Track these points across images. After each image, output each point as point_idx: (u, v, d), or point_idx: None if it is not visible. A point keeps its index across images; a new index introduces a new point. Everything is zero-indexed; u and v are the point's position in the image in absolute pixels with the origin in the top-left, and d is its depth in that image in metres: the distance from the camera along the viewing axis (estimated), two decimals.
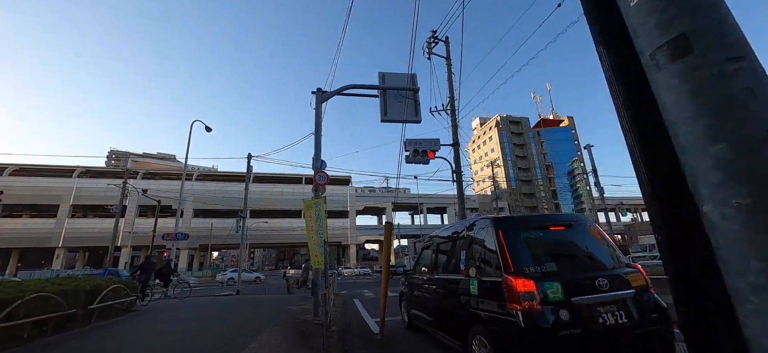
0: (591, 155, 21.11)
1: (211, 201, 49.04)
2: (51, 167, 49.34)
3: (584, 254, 2.90)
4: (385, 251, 4.50)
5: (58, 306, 4.83)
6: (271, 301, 9.71)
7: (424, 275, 4.42)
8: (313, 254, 5.63)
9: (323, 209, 5.94)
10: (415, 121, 8.38)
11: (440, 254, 4.02)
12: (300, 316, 6.42)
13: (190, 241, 47.49)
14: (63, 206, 45.91)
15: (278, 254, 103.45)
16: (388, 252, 4.47)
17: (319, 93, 7.83)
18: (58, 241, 44.51)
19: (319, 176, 6.72)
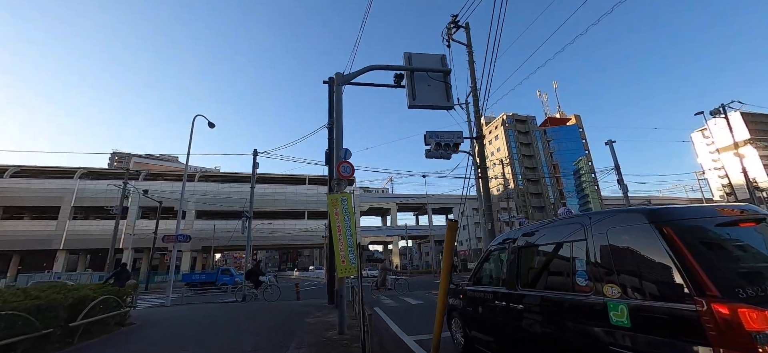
0: (613, 151, 20.01)
1: (214, 203, 48.16)
2: (52, 168, 48.65)
3: None
4: (446, 256, 3.49)
5: (27, 327, 3.87)
6: (282, 311, 8.71)
7: (496, 288, 3.39)
8: (340, 258, 4.61)
9: (351, 205, 4.94)
10: (446, 106, 7.37)
11: (529, 262, 3.00)
12: (323, 333, 5.40)
13: (193, 243, 46.64)
14: (64, 207, 45.19)
15: (281, 256, 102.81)
16: (450, 258, 3.45)
17: (338, 76, 6.82)
18: (60, 243, 43.76)
19: (343, 166, 5.72)
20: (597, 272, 2.20)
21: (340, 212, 4.84)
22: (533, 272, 2.91)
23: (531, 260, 2.97)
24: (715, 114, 22.02)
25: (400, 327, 5.99)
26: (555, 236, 2.69)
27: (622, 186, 19.35)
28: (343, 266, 4.56)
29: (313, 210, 54.15)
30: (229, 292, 12.34)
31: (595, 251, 2.24)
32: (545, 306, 2.61)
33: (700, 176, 79.12)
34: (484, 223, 10.66)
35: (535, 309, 2.70)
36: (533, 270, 2.93)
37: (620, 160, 19.50)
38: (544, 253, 2.82)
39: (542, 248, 2.84)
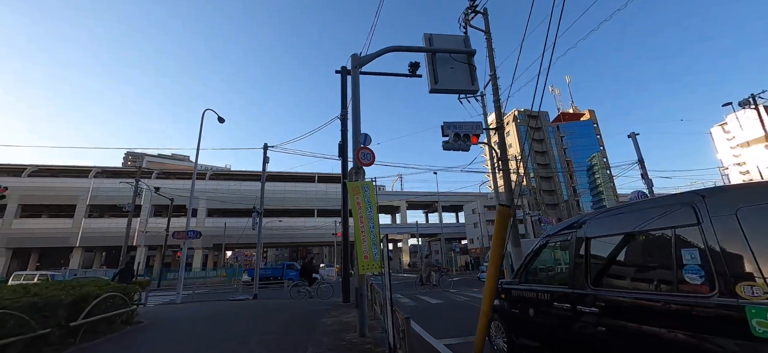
0: (636, 144, 19.06)
1: (225, 201, 48.42)
2: (68, 167, 49.63)
3: None
4: (496, 247, 2.96)
5: (20, 327, 3.52)
6: (296, 309, 8.30)
7: (555, 288, 2.85)
8: (362, 253, 4.13)
9: (374, 194, 4.44)
10: (471, 90, 6.82)
11: (604, 256, 2.45)
12: (341, 335, 4.94)
13: (204, 241, 46.97)
14: (80, 206, 46.01)
15: (291, 254, 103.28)
16: (500, 249, 2.92)
17: (354, 58, 6.32)
18: (76, 241, 44.55)
19: (363, 153, 5.23)
20: (723, 266, 1.65)
21: (362, 202, 4.36)
22: (612, 268, 2.37)
23: (607, 254, 2.42)
24: (745, 105, 20.84)
25: (425, 329, 5.49)
26: (644, 221, 2.13)
27: (647, 181, 18.42)
28: (366, 262, 4.08)
29: (323, 208, 54.01)
30: (240, 289, 12.00)
31: (717, 237, 1.70)
32: (634, 310, 2.08)
33: (723, 170, 76.28)
34: None
35: (618, 315, 2.17)
36: (611, 265, 2.38)
37: (649, 155, 18.56)
38: (629, 244, 2.27)
39: (625, 238, 2.28)
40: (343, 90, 10.38)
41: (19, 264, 49.46)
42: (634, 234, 2.21)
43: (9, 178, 45.24)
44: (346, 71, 10.63)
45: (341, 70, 10.66)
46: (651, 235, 2.09)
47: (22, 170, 47.11)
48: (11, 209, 43.65)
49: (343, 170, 9.46)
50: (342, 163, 9.58)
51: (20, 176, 46.32)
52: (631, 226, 2.22)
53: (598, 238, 2.47)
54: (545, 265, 3.15)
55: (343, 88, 10.40)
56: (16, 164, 48.78)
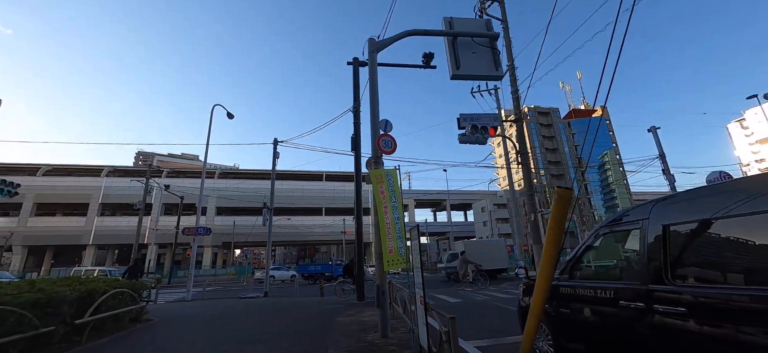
0: (657, 138, 18.30)
1: (234, 199, 48.66)
2: (81, 166, 50.45)
3: None
4: (555, 233, 2.56)
5: (20, 325, 3.27)
6: (309, 308, 8.00)
7: (620, 284, 2.46)
8: (386, 248, 3.78)
9: (397, 183, 4.08)
10: (495, 76, 6.38)
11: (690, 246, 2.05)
12: (361, 336, 4.60)
13: (213, 239, 47.26)
14: (92, 204, 46.69)
15: (299, 253, 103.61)
16: (559, 237, 2.53)
17: (371, 43, 5.96)
18: (89, 239, 45.21)
19: (384, 140, 4.87)
20: None
21: (385, 191, 4.00)
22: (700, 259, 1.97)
23: (693, 243, 2.02)
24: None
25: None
26: (743, 203, 1.72)
27: (669, 176, 17.69)
28: (391, 257, 3.72)
29: (331, 207, 53.93)
30: (252, 287, 11.78)
31: None
32: (734, 309, 1.68)
33: (743, 167, 73.98)
34: (528, 213, 9.62)
35: (709, 314, 1.78)
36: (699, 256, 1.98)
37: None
38: (723, 230, 1.85)
39: (717, 224, 1.87)
40: (355, 82, 10.04)
41: (34, 262, 50.53)
42: (733, 219, 1.80)
43: (25, 177, 46.13)
44: (357, 63, 10.29)
45: (353, 62, 10.32)
46: (754, 219, 1.69)
47: (37, 169, 48.02)
48: (27, 208, 44.52)
49: (356, 165, 9.12)
50: (355, 157, 9.24)
51: (35, 175, 47.20)
52: (729, 209, 1.81)
53: (679, 225, 2.06)
54: (603, 259, 2.76)
55: (355, 79, 10.06)
56: (31, 163, 49.77)
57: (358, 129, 9.51)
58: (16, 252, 43.87)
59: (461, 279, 13.41)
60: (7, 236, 39.55)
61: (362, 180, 9.54)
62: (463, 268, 13.55)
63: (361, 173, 9.03)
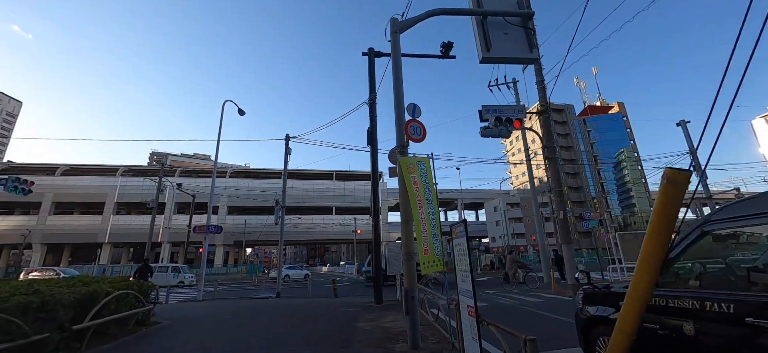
0: (687, 132, 17.25)
1: (245, 198, 48.87)
2: (97, 166, 51.42)
3: None
4: (658, 228, 1.99)
5: (7, 332, 2.88)
6: (325, 310, 7.53)
7: (747, 296, 1.88)
8: (422, 248, 3.26)
9: (431, 173, 3.56)
10: (529, 59, 5.79)
11: None
12: (389, 346, 4.09)
13: (225, 237, 47.53)
14: (108, 203, 47.47)
15: (309, 252, 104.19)
16: (667, 231, 1.96)
17: (394, 23, 5.44)
18: (105, 237, 45.99)
19: (413, 127, 4.35)
20: None
21: (418, 182, 3.48)
22: None
23: None
24: None
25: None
26: None
27: (700, 174, 16.64)
28: (428, 258, 3.20)
29: (341, 206, 53.71)
30: (264, 286, 11.41)
31: None
32: None
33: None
34: (556, 210, 8.96)
35: None
36: None
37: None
38: None
39: None
40: (370, 73, 9.56)
41: (53, 259, 51.75)
42: None
43: (44, 176, 47.25)
44: (373, 53, 9.79)
45: (368, 53, 9.83)
46: None
47: (55, 169, 49.10)
48: (46, 207, 45.54)
49: (372, 159, 8.62)
50: (371, 151, 8.74)
51: (54, 174, 48.25)
52: None
53: None
54: (718, 261, 2.18)
55: (371, 70, 9.58)
56: (50, 163, 50.94)
57: (374, 122, 9.02)
58: (35, 250, 44.93)
59: (510, 280, 12.71)
60: (25, 234, 40.46)
61: (379, 177, 9.04)
62: (512, 268, 12.93)
63: (377, 168, 8.54)
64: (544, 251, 13.90)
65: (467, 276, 2.43)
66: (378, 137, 9.10)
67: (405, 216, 4.15)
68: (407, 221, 4.16)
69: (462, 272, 2.50)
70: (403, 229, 4.11)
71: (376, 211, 8.21)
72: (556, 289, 10.25)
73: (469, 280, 2.39)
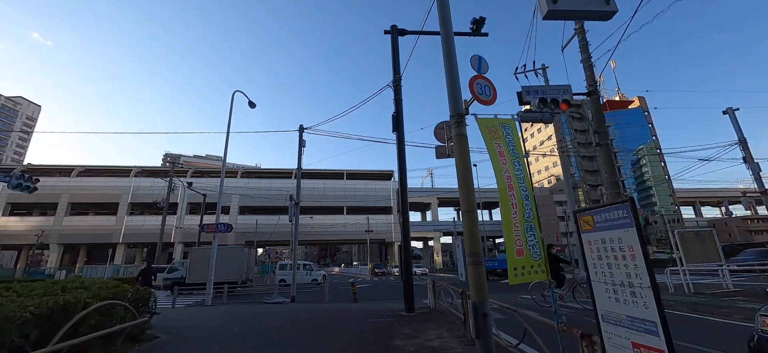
0: (735, 121, 15.65)
1: (256, 197, 48.50)
2: (112, 167, 51.87)
3: None
4: None
5: None
6: (349, 321, 6.53)
7: None
8: (513, 247, 2.23)
9: (519, 138, 2.53)
10: (606, 12, 4.64)
11: None
12: None
13: (236, 237, 47.24)
14: (122, 204, 47.74)
15: (320, 252, 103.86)
16: None
17: None
18: (119, 237, 46.22)
19: (480, 84, 3.27)
20: None
21: (506, 153, 2.47)
22: None
23: None
24: None
25: None
26: None
27: (752, 166, 15.07)
28: (520, 261, 2.19)
29: (352, 206, 52.92)
30: (275, 292, 10.50)
31: None
32: None
33: None
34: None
35: None
36: None
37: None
38: None
39: None
40: (393, 53, 8.55)
41: (70, 259, 52.44)
42: None
43: (60, 178, 47.87)
44: (396, 31, 8.78)
45: (391, 31, 8.82)
46: None
47: (71, 170, 49.69)
48: (62, 207, 46.06)
49: (399, 147, 7.58)
50: (397, 138, 7.71)
51: (70, 175, 48.82)
52: None
53: None
54: None
55: (394, 50, 8.57)
56: (66, 165, 51.59)
57: (400, 106, 7.99)
58: (52, 250, 45.47)
59: (571, 289, 11.67)
60: (38, 234, 40.81)
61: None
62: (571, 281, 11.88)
63: (404, 156, 7.51)
64: None
65: (641, 292, 1.37)
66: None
67: (466, 205, 3.11)
68: (469, 212, 3.11)
69: (643, 288, 1.44)
70: (466, 222, 3.07)
71: (405, 206, 7.17)
72: None
73: (650, 301, 1.33)
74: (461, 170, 3.14)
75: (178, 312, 8.67)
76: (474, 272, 2.97)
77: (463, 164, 3.14)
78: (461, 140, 3.29)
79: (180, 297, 11.38)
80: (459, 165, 3.17)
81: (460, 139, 3.30)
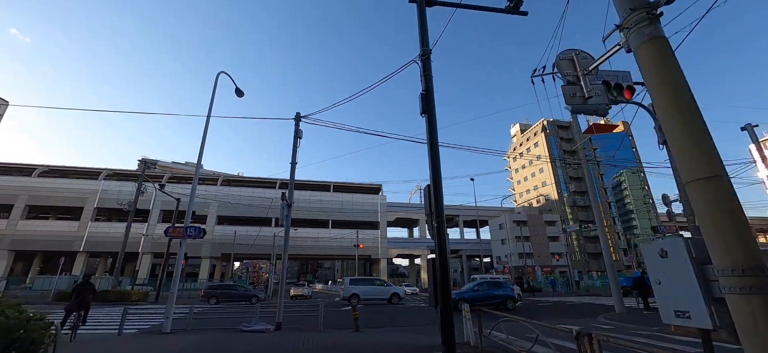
0: (755, 138, 14.85)
1: (237, 207, 45.45)
2: (79, 168, 47.75)
3: None
4: None
5: None
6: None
7: None
8: None
9: None
10: None
11: None
12: None
13: (212, 250, 43.83)
14: (87, 208, 43.70)
15: (300, 267, 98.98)
16: None
17: None
18: (80, 245, 41.98)
19: None
20: None
21: None
22: None
23: None
24: None
25: None
26: None
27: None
28: None
29: (338, 219, 50.60)
30: (255, 317, 8.25)
31: None
32: None
33: None
34: (687, 211, 6.17)
35: None
36: None
37: None
38: None
39: None
40: (421, 24, 7.02)
41: (22, 268, 47.24)
42: None
43: (19, 177, 43.54)
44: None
45: None
46: None
47: (32, 169, 45.45)
48: (18, 210, 41.62)
49: (429, 132, 5.92)
50: (427, 122, 6.05)
51: (30, 175, 44.54)
52: None
53: None
54: None
55: (421, 19, 7.02)
56: (26, 163, 47.23)
57: (430, 82, 6.38)
58: (1, 257, 40.58)
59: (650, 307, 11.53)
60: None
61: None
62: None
63: (436, 139, 5.86)
64: (613, 273, 11.19)
65: None
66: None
67: (701, 169, 1.38)
68: (708, 179, 1.39)
69: None
70: (700, 193, 1.36)
71: (439, 206, 5.41)
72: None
73: None
74: (674, 98, 1.45)
75: (120, 345, 6.43)
76: None
77: (675, 90, 1.45)
78: (659, 47, 1.60)
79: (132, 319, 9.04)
80: (669, 92, 1.49)
81: (655, 45, 1.60)
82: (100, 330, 8.60)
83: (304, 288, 28.99)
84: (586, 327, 8.17)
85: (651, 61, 1.80)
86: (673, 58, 1.73)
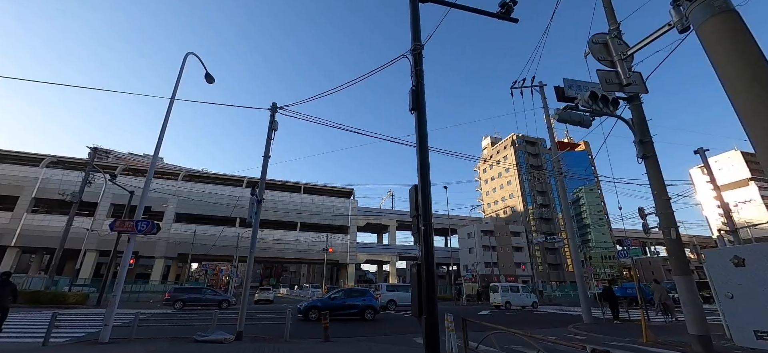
0: (706, 162, 16.03)
1: (199, 204, 42.70)
2: (17, 153, 42.69)
3: None
4: None
5: None
6: None
7: None
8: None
9: None
10: None
11: None
12: None
13: (167, 249, 40.73)
14: (23, 198, 39.07)
15: (264, 271, 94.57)
16: None
17: None
18: (11, 239, 37.35)
19: None
20: None
21: None
22: None
23: None
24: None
25: None
26: None
27: (723, 205, 15.38)
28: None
29: (307, 222, 49.17)
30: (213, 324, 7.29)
31: None
32: None
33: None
34: (663, 226, 6.26)
35: None
36: None
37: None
38: None
39: None
40: (413, 17, 6.72)
41: None
42: None
43: None
44: None
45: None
46: None
47: None
48: None
49: (418, 129, 5.57)
50: (417, 119, 5.70)
51: None
52: None
53: None
54: None
55: (414, 14, 6.71)
56: None
57: (421, 78, 6.06)
58: None
59: (664, 311, 11.58)
60: None
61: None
62: (660, 296, 11.69)
63: (426, 137, 5.54)
64: (582, 284, 11.43)
65: None
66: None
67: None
68: None
69: None
70: None
71: (426, 207, 5.04)
72: (649, 339, 7.57)
73: None
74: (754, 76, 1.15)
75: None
76: None
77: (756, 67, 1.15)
78: (730, 20, 1.31)
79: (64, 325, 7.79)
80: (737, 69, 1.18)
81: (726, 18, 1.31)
82: (21, 339, 7.31)
83: (269, 293, 28.17)
84: (559, 336, 8.15)
85: (722, 36, 1.51)
86: (748, 32, 1.47)
